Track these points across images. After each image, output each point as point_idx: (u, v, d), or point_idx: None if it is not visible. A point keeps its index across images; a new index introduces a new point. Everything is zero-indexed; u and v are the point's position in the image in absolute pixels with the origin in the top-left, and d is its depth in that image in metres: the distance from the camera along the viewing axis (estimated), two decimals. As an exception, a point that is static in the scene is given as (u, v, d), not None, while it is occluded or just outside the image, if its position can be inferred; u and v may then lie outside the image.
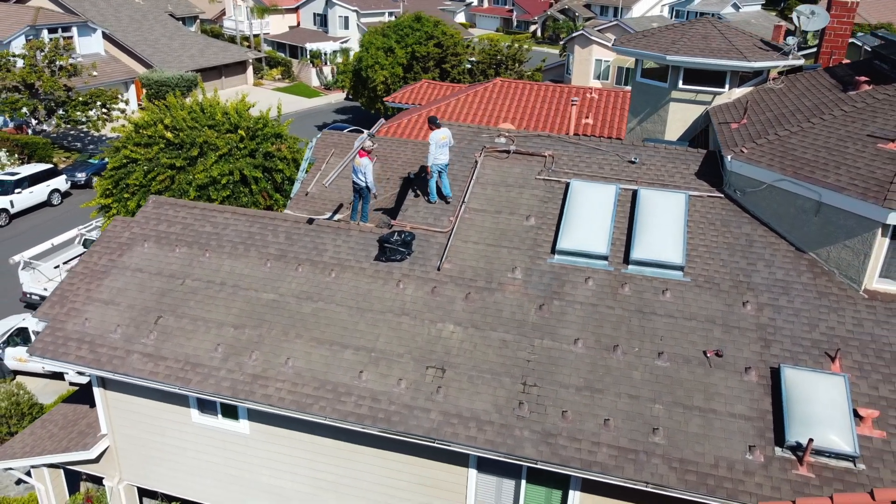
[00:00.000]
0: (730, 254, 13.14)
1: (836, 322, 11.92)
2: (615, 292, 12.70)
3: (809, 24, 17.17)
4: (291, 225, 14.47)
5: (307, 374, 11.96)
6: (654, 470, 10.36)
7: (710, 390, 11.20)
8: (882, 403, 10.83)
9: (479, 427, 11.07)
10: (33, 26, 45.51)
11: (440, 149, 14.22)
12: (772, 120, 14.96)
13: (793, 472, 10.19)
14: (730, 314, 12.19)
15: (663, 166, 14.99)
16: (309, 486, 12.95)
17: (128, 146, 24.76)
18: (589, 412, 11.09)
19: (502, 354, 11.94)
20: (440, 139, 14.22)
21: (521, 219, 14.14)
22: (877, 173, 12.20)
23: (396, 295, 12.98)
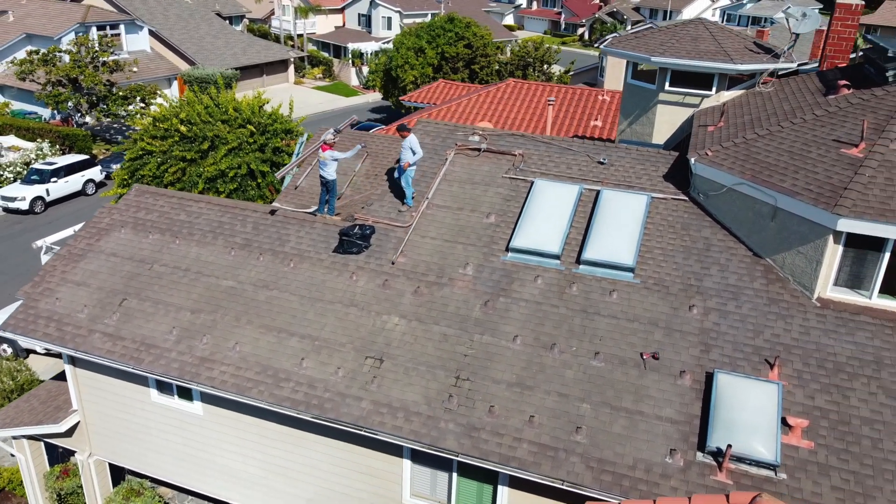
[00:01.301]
0: (685, 257, 12.98)
1: (783, 329, 11.67)
2: (562, 291, 12.70)
3: (800, 26, 16.76)
4: (260, 216, 14.90)
5: (252, 359, 12.33)
6: (572, 468, 10.36)
7: (641, 392, 11.12)
8: (815, 413, 10.58)
9: (407, 418, 11.24)
10: (83, 23, 47.55)
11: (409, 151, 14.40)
12: (747, 123, 14.69)
13: (711, 477, 10.06)
14: (674, 317, 12.06)
15: (632, 168, 14.87)
16: (260, 470, 13.33)
17: (144, 138, 25.73)
18: (516, 408, 11.14)
19: (441, 348, 12.09)
20: (413, 142, 14.41)
21: (482, 216, 14.24)
22: (833, 179, 11.91)
23: (348, 286, 13.25)
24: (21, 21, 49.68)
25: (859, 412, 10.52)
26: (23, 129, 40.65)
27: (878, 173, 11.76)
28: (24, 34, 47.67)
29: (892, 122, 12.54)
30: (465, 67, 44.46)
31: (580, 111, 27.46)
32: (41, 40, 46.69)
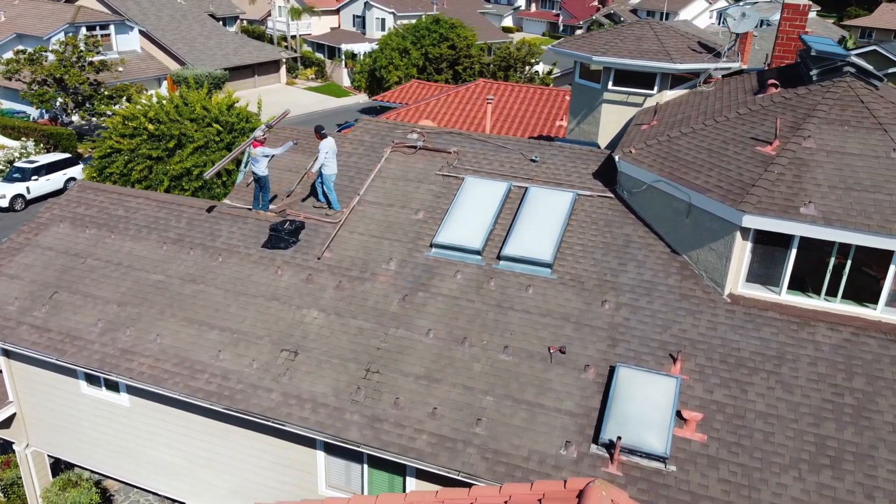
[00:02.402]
0: (604, 253, 13.10)
1: (690, 325, 11.78)
2: (480, 287, 12.85)
3: (740, 25, 16.84)
4: (196, 211, 15.11)
5: (171, 351, 12.54)
6: (468, 459, 10.50)
7: (545, 385, 11.25)
8: (712, 407, 10.69)
9: (314, 409, 11.42)
10: (73, 24, 48.04)
11: (331, 157, 14.48)
12: (677, 122, 14.80)
13: (602, 469, 10.18)
14: (586, 312, 12.19)
15: (563, 165, 15.01)
16: (186, 461, 13.52)
17: (113, 137, 26.05)
18: (421, 400, 11.30)
19: (355, 341, 12.26)
20: (331, 146, 14.47)
21: (411, 213, 14.40)
22: (744, 176, 12.02)
23: (272, 281, 13.44)
24: (12, 21, 50.23)
25: (755, 406, 10.62)
26: (9, 127, 41.09)
27: (788, 171, 11.86)
28: (15, 34, 48.19)
29: (808, 120, 12.64)
30: (448, 68, 44.63)
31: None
32: (31, 40, 47.19)
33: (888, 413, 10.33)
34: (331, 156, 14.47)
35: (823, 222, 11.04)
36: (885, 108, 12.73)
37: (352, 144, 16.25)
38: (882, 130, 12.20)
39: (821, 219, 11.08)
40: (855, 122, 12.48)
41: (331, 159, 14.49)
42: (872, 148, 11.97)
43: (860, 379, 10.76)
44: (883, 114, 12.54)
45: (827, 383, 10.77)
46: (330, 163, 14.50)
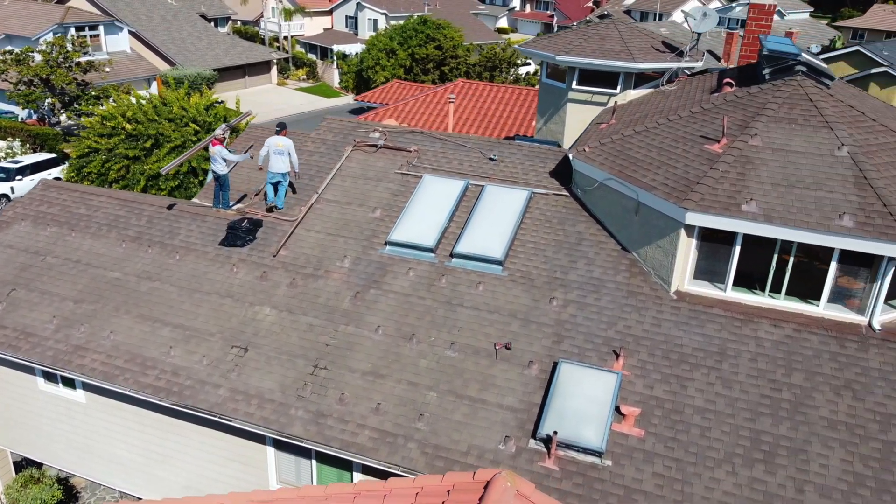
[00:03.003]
0: (555, 251, 13.20)
1: (636, 321, 11.87)
2: (432, 284, 12.94)
3: (701, 25, 16.94)
4: (156, 209, 15.22)
5: (123, 348, 12.64)
6: (407, 454, 10.59)
7: (488, 381, 11.35)
8: (651, 403, 10.78)
9: (260, 405, 11.52)
10: (61, 24, 48.14)
11: (276, 156, 14.49)
12: (634, 121, 14.89)
13: (539, 463, 10.27)
14: (534, 309, 12.28)
15: (521, 164, 15.11)
16: (142, 457, 13.61)
17: (91, 136, 26.16)
18: (366, 396, 11.39)
19: (305, 338, 12.35)
20: (276, 146, 14.48)
21: (369, 211, 14.50)
22: (690, 174, 12.11)
23: (227, 278, 13.54)
24: (2, 22, 50.34)
25: (694, 402, 10.71)
26: (-4, 128, 41.22)
27: (733, 168, 11.95)
28: (4, 35, 48.31)
29: (756, 119, 12.74)
30: (435, 69, 44.74)
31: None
32: (20, 41, 47.29)
33: (824, 408, 10.43)
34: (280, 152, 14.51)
35: (763, 219, 11.14)
36: (833, 107, 12.83)
37: (314, 143, 16.36)
38: (828, 129, 12.29)
39: (761, 216, 11.18)
40: (802, 120, 12.58)
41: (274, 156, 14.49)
42: (817, 146, 12.06)
43: (799, 375, 10.85)
44: (830, 112, 12.63)
45: (766, 379, 10.86)
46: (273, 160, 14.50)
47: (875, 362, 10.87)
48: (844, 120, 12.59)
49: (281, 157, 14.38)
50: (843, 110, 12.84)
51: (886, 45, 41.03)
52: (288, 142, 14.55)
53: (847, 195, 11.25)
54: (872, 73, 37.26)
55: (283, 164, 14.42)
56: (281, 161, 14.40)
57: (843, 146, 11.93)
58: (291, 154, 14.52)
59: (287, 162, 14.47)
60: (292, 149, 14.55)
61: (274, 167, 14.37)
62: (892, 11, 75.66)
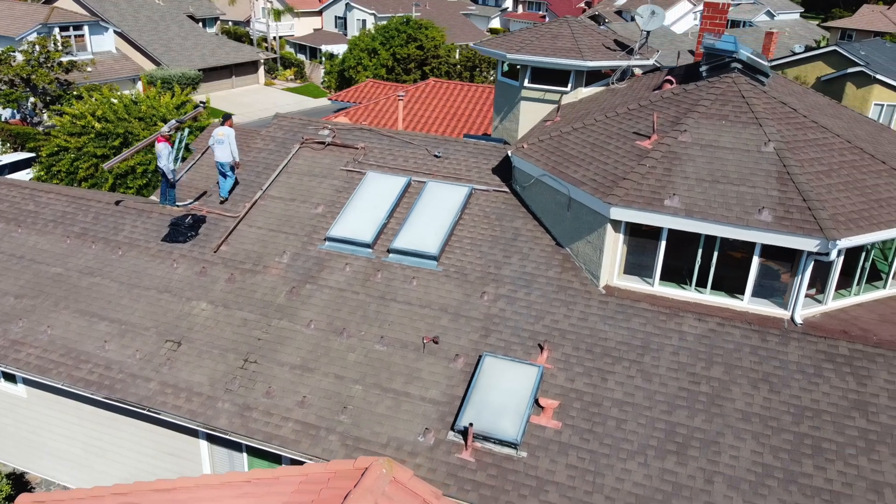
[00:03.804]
0: (491, 246, 13.30)
1: (563, 316, 11.98)
2: (367, 279, 13.05)
3: (649, 23, 17.05)
4: (103, 206, 15.32)
5: (59, 342, 12.75)
6: (328, 446, 10.69)
7: (414, 374, 11.45)
8: (571, 395, 10.89)
9: (188, 398, 11.62)
10: (45, 24, 48.26)
11: (217, 146, 14.63)
12: (577, 119, 15.00)
13: (456, 455, 10.38)
14: (465, 303, 12.39)
15: (465, 161, 15.22)
16: (82, 451, 13.72)
17: (61, 135, 26.27)
18: (292, 389, 11.50)
19: (238, 332, 12.46)
20: (217, 136, 14.65)
21: (311, 207, 14.61)
22: (618, 170, 12.22)
23: (167, 273, 13.65)
24: (-14, 22, 50.45)
25: (613, 394, 10.82)
26: (-23, 127, 41.33)
27: (660, 164, 12.06)
28: (-12, 35, 48.42)
29: (688, 115, 12.85)
30: (417, 68, 44.86)
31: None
32: (4, 40, 47.39)
33: (740, 401, 10.53)
34: (220, 141, 14.66)
35: (685, 214, 11.25)
36: (765, 104, 12.95)
37: (263, 141, 16.47)
38: (757, 125, 12.40)
39: (682, 211, 11.29)
40: (733, 116, 12.69)
41: (220, 145, 14.66)
42: (745, 142, 12.18)
43: (718, 368, 10.95)
44: (761, 109, 12.74)
45: (686, 372, 10.97)
46: (216, 149, 14.67)
47: (794, 356, 10.98)
48: (775, 116, 12.71)
49: (221, 147, 14.56)
50: (775, 107, 12.96)
51: (864, 45, 41.13)
52: (229, 131, 14.72)
53: (769, 190, 11.36)
54: (849, 73, 37.36)
55: (222, 154, 14.59)
56: (220, 150, 14.57)
57: (769, 142, 12.04)
58: (231, 144, 14.65)
59: (227, 152, 14.61)
60: (232, 138, 14.68)
61: (215, 156, 14.55)
62: (880, 12, 75.73)
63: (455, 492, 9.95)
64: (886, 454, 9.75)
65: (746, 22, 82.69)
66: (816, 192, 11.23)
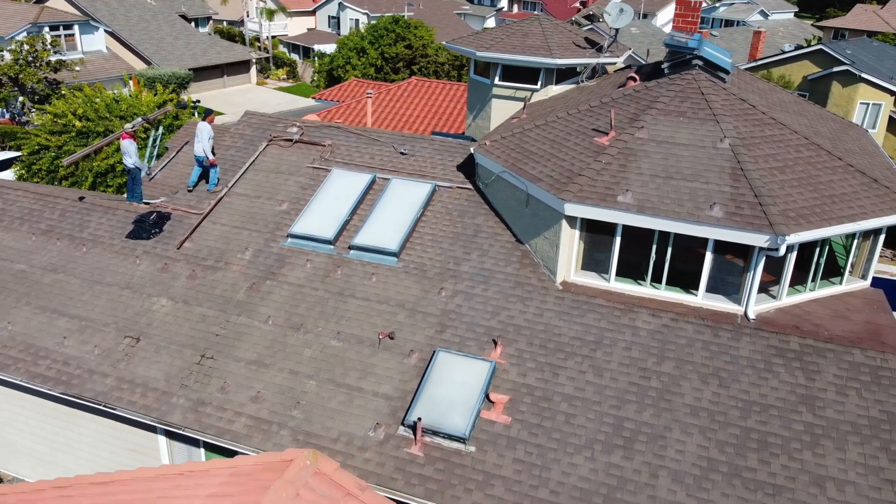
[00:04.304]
0: (451, 243, 13.35)
1: (519, 311, 12.02)
2: (327, 275, 13.09)
3: (617, 21, 17.10)
4: (70, 203, 15.37)
5: (20, 338, 12.79)
6: (279, 441, 10.74)
7: (368, 370, 11.49)
8: (523, 390, 10.93)
9: (144, 393, 11.67)
10: (35, 23, 48.31)
11: (196, 141, 14.84)
12: (542, 116, 15.03)
13: (404, 449, 10.42)
14: (422, 299, 12.43)
15: (431, 158, 15.26)
16: (45, 447, 13.75)
17: (42, 134, 26.33)
18: (247, 384, 11.55)
19: (197, 328, 12.50)
20: (197, 130, 14.85)
21: (276, 204, 14.65)
22: (574, 166, 12.26)
23: (129, 269, 13.70)
24: (-24, 22, 50.49)
25: (563, 389, 10.86)
26: (-35, 127, 41.40)
27: (616, 160, 12.10)
28: (-23, 34, 48.47)
29: (647, 111, 12.89)
30: (405, 68, 44.89)
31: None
32: (-6, 40, 47.48)
33: (689, 395, 10.57)
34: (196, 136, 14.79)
35: (637, 210, 11.29)
36: (723, 100, 12.99)
37: (232, 138, 16.51)
38: (714, 121, 12.45)
39: (635, 207, 11.33)
40: (691, 112, 12.74)
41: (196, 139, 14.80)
42: (701, 138, 12.22)
43: (669, 363, 11.00)
44: (719, 105, 12.79)
45: (637, 367, 11.01)
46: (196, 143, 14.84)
47: (745, 351, 11.02)
48: (733, 113, 12.75)
49: (196, 142, 14.70)
50: (734, 104, 13.00)
51: (850, 44, 41.17)
52: (203, 126, 14.82)
53: (721, 186, 11.40)
54: (834, 72, 37.40)
55: (197, 148, 14.72)
56: (197, 144, 14.67)
57: (725, 138, 12.09)
58: (202, 139, 14.75)
59: (201, 147, 14.75)
60: (204, 134, 14.77)
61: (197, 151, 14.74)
62: (873, 12, 75.76)
63: (402, 486, 10.00)
64: (831, 448, 9.79)
65: (740, 21, 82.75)
66: (769, 188, 11.28)
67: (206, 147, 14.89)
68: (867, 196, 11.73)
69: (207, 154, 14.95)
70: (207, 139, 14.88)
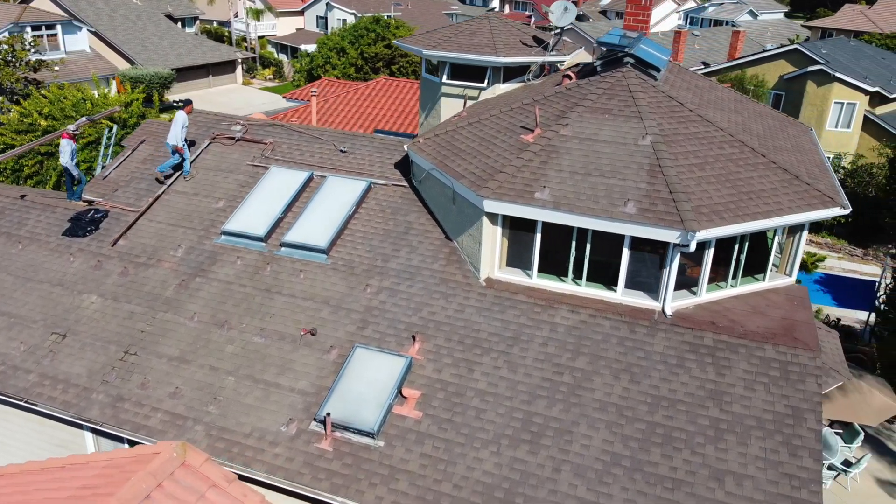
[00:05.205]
0: (382, 240, 13.41)
1: (441, 308, 12.08)
2: (256, 272, 13.16)
3: (562, 19, 17.17)
4: (10, 201, 15.43)
5: (-52, 335, 12.86)
6: (193, 436, 10.80)
7: (287, 366, 11.55)
8: (437, 386, 10.99)
9: (65, 389, 11.73)
10: (17, 23, 48.40)
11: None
12: (479, 114, 15.09)
13: (314, 445, 10.48)
14: (347, 296, 12.49)
15: (370, 156, 15.32)
16: (-20, 443, 13.82)
17: (7, 133, 26.41)
18: (167, 380, 11.61)
19: (123, 325, 12.57)
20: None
21: (213, 202, 14.72)
22: (497, 163, 12.32)
23: (62, 267, 13.76)
24: (-42, 22, 50.58)
25: (477, 385, 10.92)
26: (-56, 126, 41.45)
27: (537, 157, 12.16)
28: (-41, 34, 48.55)
29: (574, 109, 12.95)
30: (385, 67, 44.97)
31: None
32: (-25, 40, 47.55)
33: (599, 391, 10.63)
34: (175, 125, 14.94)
35: (552, 206, 11.35)
36: (650, 98, 13.05)
37: (176, 136, 16.54)
38: (639, 118, 12.50)
39: (551, 203, 11.39)
40: (617, 110, 12.80)
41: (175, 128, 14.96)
42: (623, 135, 12.28)
43: (584, 359, 11.05)
44: (645, 103, 12.84)
45: (552, 363, 11.06)
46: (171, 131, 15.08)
47: (659, 346, 11.08)
48: (659, 110, 12.81)
49: (172, 128, 14.93)
50: (661, 101, 13.06)
51: (826, 44, 41.23)
52: (180, 115, 15.05)
53: (638, 182, 11.47)
54: (809, 71, 37.49)
55: (170, 136, 15.02)
56: (171, 132, 14.95)
57: (647, 135, 12.15)
58: (175, 127, 14.87)
59: (173, 135, 14.87)
60: (178, 122, 14.86)
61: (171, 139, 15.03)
62: (860, 11, 75.80)
63: (309, 481, 10.06)
64: (733, 442, 9.85)
65: (728, 21, 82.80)
66: (684, 185, 11.33)
67: (179, 135, 15.00)
68: (786, 192, 11.78)
69: (178, 142, 15.02)
70: (181, 128, 14.99)
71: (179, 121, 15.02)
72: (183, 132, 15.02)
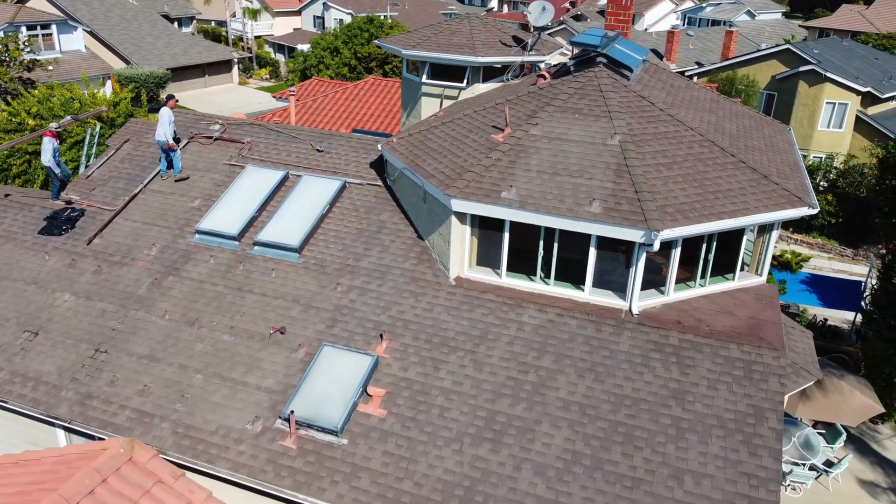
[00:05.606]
0: (354, 239, 13.45)
1: (410, 307, 12.12)
2: (228, 271, 13.21)
3: (540, 19, 17.21)
4: (-11, 200, 15.50)
5: (-79, 333, 12.92)
6: (159, 433, 10.85)
7: (255, 364, 11.61)
8: (402, 384, 11.03)
9: (34, 387, 11.79)
10: (12, 23, 48.51)
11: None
12: (454, 112, 15.12)
13: (279, 442, 10.53)
14: (318, 295, 12.54)
15: (346, 155, 15.37)
16: (-44, 441, 13.89)
17: (-5, 133, 26.48)
18: (136, 378, 11.66)
19: (95, 323, 12.63)
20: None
21: (189, 200, 14.77)
22: (466, 162, 12.36)
23: (37, 265, 13.82)
24: (-46, 21, 50.70)
25: (442, 383, 10.96)
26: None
27: (506, 156, 12.20)
28: (-46, 34, 48.66)
29: (545, 108, 12.99)
30: (378, 67, 45.02)
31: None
32: (-30, 40, 47.66)
33: (563, 389, 10.67)
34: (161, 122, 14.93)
35: (519, 206, 11.38)
36: (621, 98, 13.08)
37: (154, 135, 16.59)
38: (608, 118, 12.54)
39: (517, 202, 11.43)
40: (587, 109, 12.83)
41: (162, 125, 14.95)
42: (592, 134, 12.31)
43: (549, 357, 11.09)
44: (616, 103, 12.88)
45: (517, 361, 11.10)
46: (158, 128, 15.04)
47: (625, 346, 11.11)
48: (629, 110, 12.84)
49: (159, 126, 14.94)
50: (632, 101, 13.09)
51: (818, 44, 41.22)
52: (165, 111, 15.01)
53: (605, 182, 11.50)
54: (801, 72, 37.49)
55: (158, 133, 14.99)
56: (159, 129, 14.95)
57: (615, 135, 12.18)
58: (163, 124, 14.89)
59: (162, 132, 14.87)
60: (164, 119, 14.88)
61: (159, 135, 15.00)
62: (857, 12, 75.73)
63: (271, 478, 10.11)
64: (694, 441, 9.89)
65: (726, 21, 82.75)
66: (650, 184, 11.36)
67: (168, 132, 15.01)
68: (753, 192, 11.81)
69: (168, 138, 15.04)
70: (168, 124, 14.99)
71: (165, 117, 15.03)
72: (171, 128, 15.04)
